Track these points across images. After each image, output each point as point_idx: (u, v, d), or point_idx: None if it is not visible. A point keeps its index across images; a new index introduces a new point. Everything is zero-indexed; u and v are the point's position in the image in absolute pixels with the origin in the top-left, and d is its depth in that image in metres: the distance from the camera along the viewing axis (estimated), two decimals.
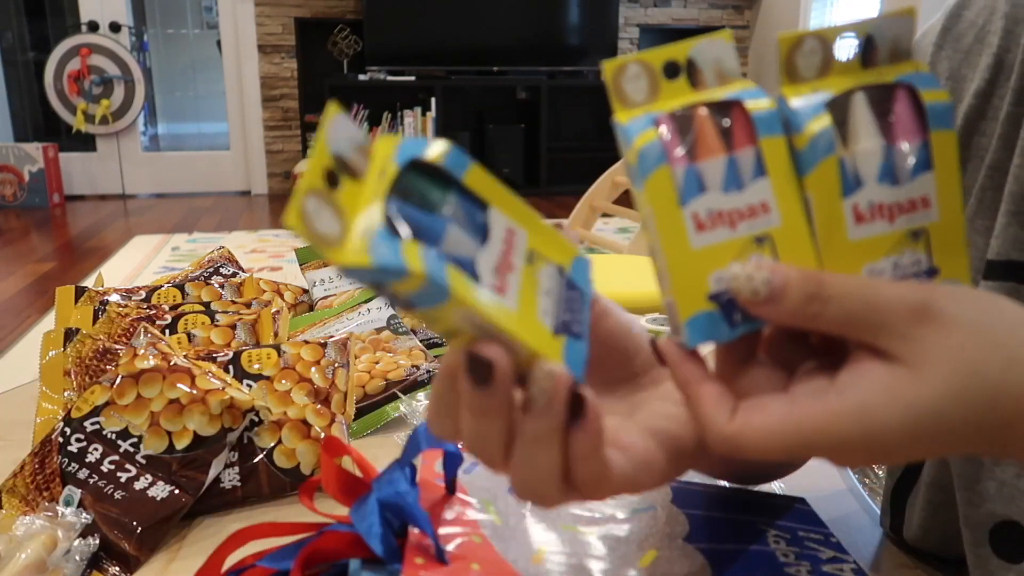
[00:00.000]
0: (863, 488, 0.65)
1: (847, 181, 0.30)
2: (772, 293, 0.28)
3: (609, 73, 0.31)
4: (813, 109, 0.30)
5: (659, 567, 0.41)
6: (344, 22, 4.88)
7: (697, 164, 0.30)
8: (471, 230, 0.27)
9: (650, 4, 5.25)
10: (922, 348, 0.27)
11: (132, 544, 0.56)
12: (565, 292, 0.30)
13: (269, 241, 3.55)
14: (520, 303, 0.27)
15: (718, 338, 0.30)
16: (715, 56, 0.31)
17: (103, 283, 0.89)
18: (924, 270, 0.31)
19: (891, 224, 0.30)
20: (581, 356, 0.29)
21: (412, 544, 0.38)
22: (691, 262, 0.30)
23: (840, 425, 0.28)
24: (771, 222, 0.30)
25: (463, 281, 0.25)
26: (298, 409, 0.66)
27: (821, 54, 0.31)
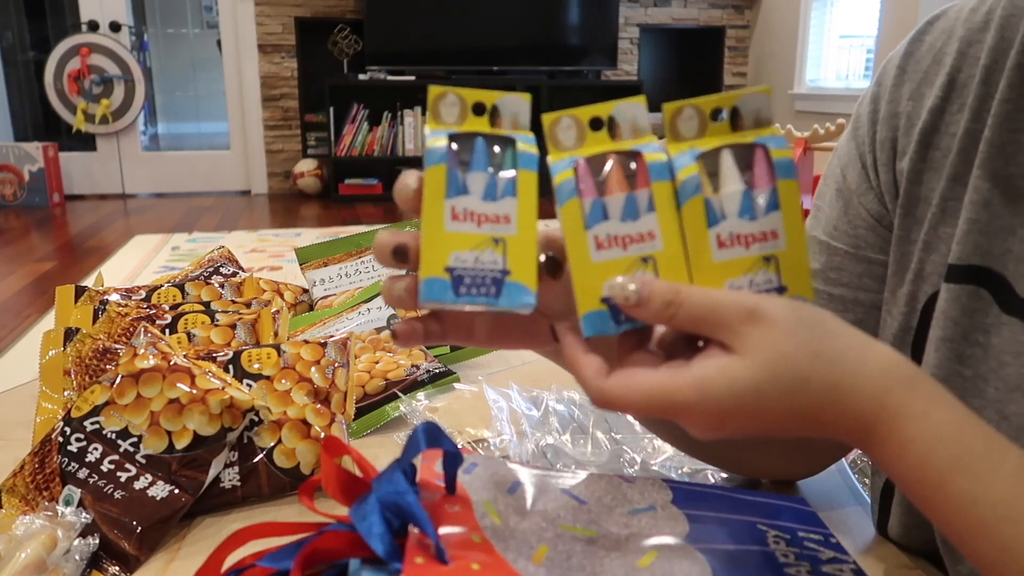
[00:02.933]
0: (863, 488, 0.65)
1: (713, 215, 0.38)
2: (639, 299, 0.37)
3: (546, 123, 0.39)
4: (685, 161, 0.39)
5: (659, 567, 0.41)
6: (344, 22, 4.88)
7: (603, 198, 0.39)
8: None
9: (650, 4, 5.25)
10: (749, 341, 0.36)
11: (132, 544, 0.56)
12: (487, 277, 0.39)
13: (269, 241, 3.55)
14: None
15: (606, 332, 0.39)
16: (632, 115, 0.40)
17: (103, 283, 0.89)
18: (775, 287, 0.39)
19: (747, 249, 0.38)
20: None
21: (412, 544, 0.38)
22: (591, 272, 0.38)
23: (683, 392, 0.36)
24: (655, 247, 0.39)
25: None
26: (298, 409, 0.66)
27: (697, 119, 0.40)
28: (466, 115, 0.40)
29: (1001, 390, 0.47)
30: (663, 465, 0.65)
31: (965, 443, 0.36)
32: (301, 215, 4.42)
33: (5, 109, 5.12)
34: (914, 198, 0.53)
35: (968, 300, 0.48)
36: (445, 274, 0.38)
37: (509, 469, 0.48)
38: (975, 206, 0.48)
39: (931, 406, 0.37)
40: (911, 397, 0.37)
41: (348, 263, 1.04)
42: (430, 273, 0.38)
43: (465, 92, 0.40)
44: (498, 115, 0.40)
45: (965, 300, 0.49)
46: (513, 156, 0.39)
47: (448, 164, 0.39)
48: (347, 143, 4.86)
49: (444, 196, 0.38)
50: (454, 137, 0.39)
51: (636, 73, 5.28)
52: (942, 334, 0.49)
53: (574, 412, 0.73)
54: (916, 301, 0.52)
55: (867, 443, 0.38)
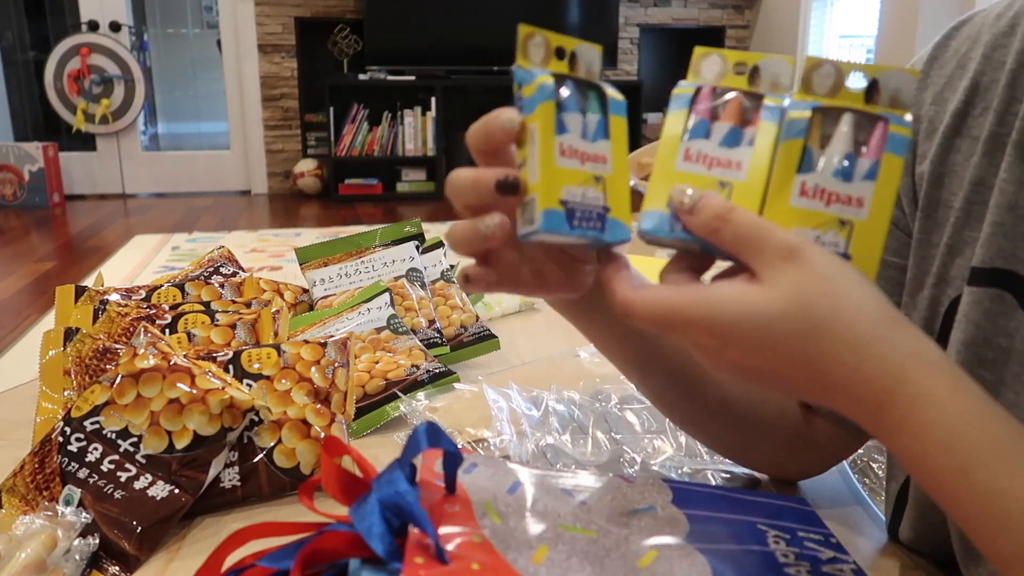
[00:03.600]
0: (863, 488, 0.65)
1: (808, 162, 0.39)
2: (693, 206, 0.39)
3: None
4: (804, 107, 0.40)
5: (659, 567, 0.41)
6: (344, 22, 4.88)
7: (711, 121, 0.41)
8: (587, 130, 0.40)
9: (650, 4, 5.25)
10: (777, 275, 0.36)
11: (132, 544, 0.56)
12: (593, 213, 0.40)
13: (269, 240, 3.55)
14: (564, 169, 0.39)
15: (661, 232, 0.40)
16: (775, 71, 0.41)
17: (103, 282, 0.89)
18: (840, 252, 0.38)
19: (827, 206, 0.39)
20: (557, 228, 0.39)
21: (412, 544, 0.38)
22: (670, 177, 0.40)
23: (695, 306, 0.37)
24: (738, 176, 0.40)
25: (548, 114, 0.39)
26: (298, 409, 0.66)
27: (834, 78, 0.39)
28: (550, 57, 0.40)
29: (1022, 395, 0.46)
30: (663, 465, 0.65)
31: (990, 433, 0.35)
32: (301, 215, 4.42)
33: (5, 109, 5.12)
34: (935, 201, 0.52)
35: (991, 303, 0.48)
36: (560, 206, 0.39)
37: (509, 469, 0.48)
38: (1000, 209, 0.48)
39: (955, 392, 0.36)
40: (935, 380, 0.36)
41: (348, 263, 1.04)
42: (548, 204, 0.38)
43: (549, 35, 0.40)
44: (576, 61, 0.41)
45: (988, 303, 0.48)
46: (603, 102, 0.41)
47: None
48: (347, 143, 4.86)
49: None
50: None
51: (636, 73, 5.28)
52: (964, 337, 0.49)
53: (574, 412, 0.73)
54: (939, 305, 0.52)
55: (877, 420, 0.37)
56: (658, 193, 0.40)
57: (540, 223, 0.38)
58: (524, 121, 0.39)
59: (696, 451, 0.67)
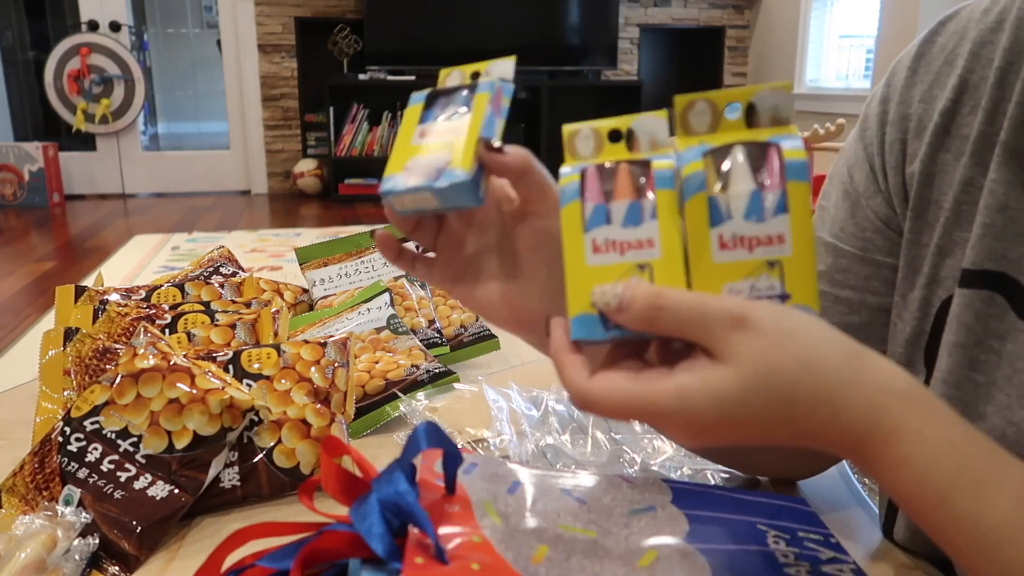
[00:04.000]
0: (863, 488, 0.65)
1: (717, 214, 0.37)
2: (620, 304, 0.37)
3: (566, 134, 0.41)
4: (692, 156, 0.38)
5: (659, 567, 0.41)
6: (344, 22, 4.88)
7: (607, 204, 0.39)
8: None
9: (650, 4, 5.25)
10: (734, 349, 0.35)
11: (132, 543, 0.56)
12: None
13: (269, 241, 3.55)
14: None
15: (594, 337, 0.39)
16: (651, 128, 0.40)
17: (103, 282, 0.89)
18: (777, 294, 0.37)
19: (750, 252, 0.37)
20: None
21: (412, 544, 0.38)
22: (585, 275, 0.39)
23: (663, 400, 0.35)
24: (653, 254, 0.38)
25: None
26: (298, 409, 0.66)
27: (710, 114, 0.39)
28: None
29: (1013, 397, 0.46)
30: (663, 465, 0.65)
31: (966, 461, 0.35)
32: (301, 215, 4.41)
33: (5, 109, 5.12)
34: (925, 201, 0.52)
35: (982, 306, 0.48)
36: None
37: (509, 469, 0.48)
38: (990, 210, 0.47)
39: (928, 423, 0.36)
40: (907, 414, 0.36)
41: (348, 263, 1.04)
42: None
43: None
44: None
45: (979, 306, 0.48)
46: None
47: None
48: (347, 143, 4.86)
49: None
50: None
51: (636, 73, 5.28)
52: (955, 339, 0.49)
53: (574, 412, 0.73)
54: (930, 306, 0.52)
55: (861, 458, 0.37)
56: (579, 295, 0.39)
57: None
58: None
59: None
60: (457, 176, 0.40)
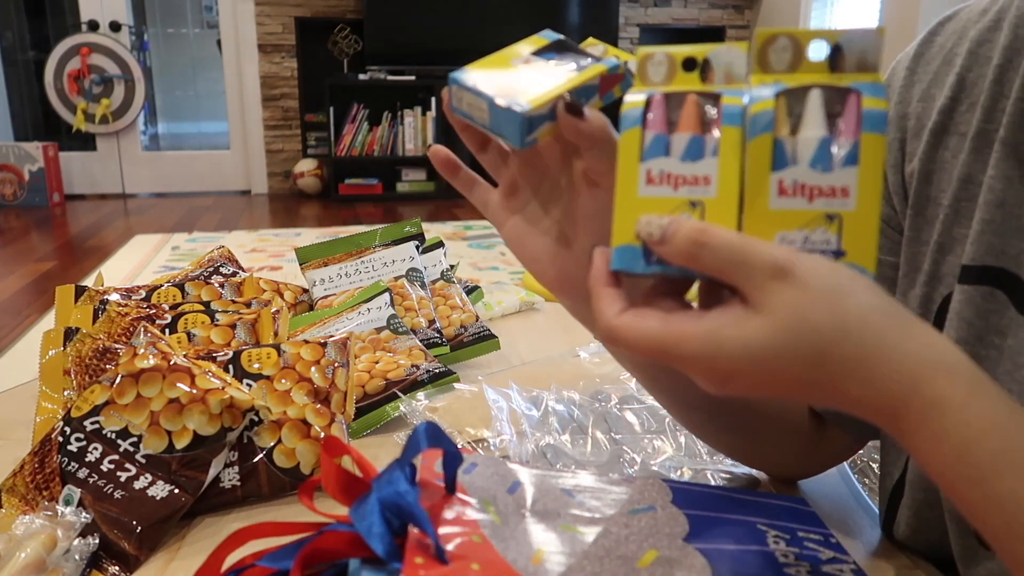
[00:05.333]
0: (863, 488, 0.65)
1: (781, 158, 0.35)
2: (663, 236, 0.35)
3: (639, 58, 0.39)
4: (764, 94, 0.36)
5: (659, 567, 0.41)
6: (344, 22, 4.88)
7: (668, 135, 0.37)
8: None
9: (650, 4, 5.25)
10: (772, 299, 0.33)
11: (132, 543, 0.56)
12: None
13: (269, 240, 3.55)
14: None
15: (634, 269, 0.37)
16: (728, 60, 0.37)
17: (103, 282, 0.89)
18: (832, 250, 0.35)
19: (810, 202, 0.35)
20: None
21: (412, 544, 0.38)
22: (634, 205, 0.37)
23: (692, 342, 0.34)
24: (708, 192, 0.36)
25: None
26: (298, 409, 0.66)
27: (792, 52, 0.36)
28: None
29: (1016, 392, 0.46)
30: (663, 465, 0.65)
31: (1010, 440, 0.34)
32: (301, 215, 4.41)
33: (5, 109, 5.12)
34: (924, 198, 0.52)
35: (983, 301, 0.48)
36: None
37: (509, 469, 0.48)
38: (989, 206, 0.47)
39: (973, 398, 0.34)
40: (952, 387, 0.34)
41: (348, 263, 1.04)
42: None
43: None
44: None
45: (979, 301, 0.48)
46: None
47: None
48: (347, 143, 4.86)
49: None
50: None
51: None
52: (956, 336, 0.49)
53: (574, 412, 0.73)
54: (931, 303, 0.52)
55: (896, 428, 0.35)
56: (624, 225, 0.37)
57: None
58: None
59: (696, 451, 0.67)
60: (518, 106, 0.40)
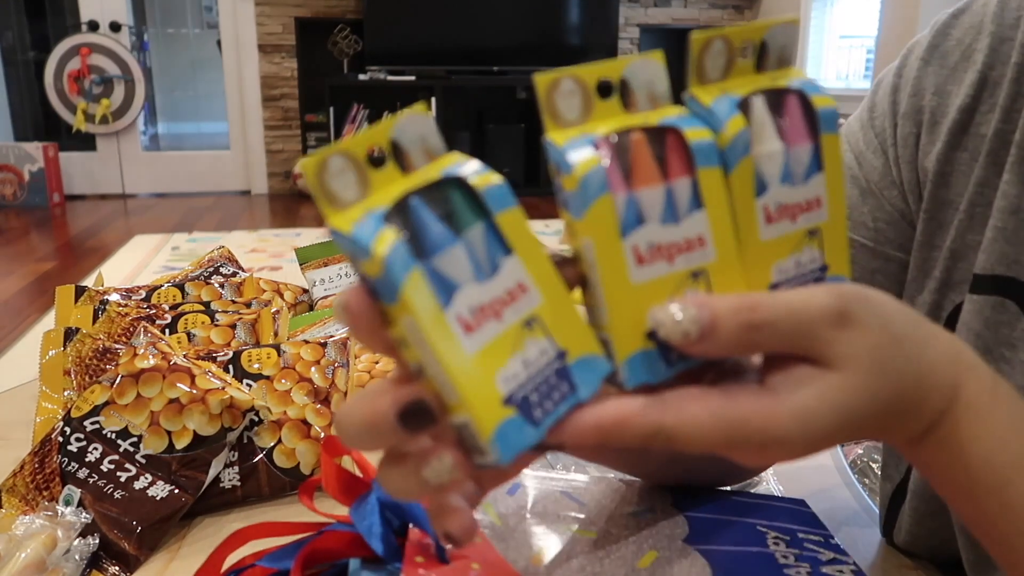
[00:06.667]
0: (863, 489, 0.65)
1: (760, 181, 0.30)
2: (703, 331, 0.27)
3: (542, 88, 0.28)
4: (728, 109, 0.29)
5: (659, 568, 0.41)
6: (344, 22, 4.88)
7: (635, 192, 0.28)
8: (478, 263, 0.26)
9: (650, 4, 5.25)
10: (844, 351, 0.29)
11: (132, 544, 0.56)
12: (551, 377, 0.27)
13: (269, 241, 3.54)
14: (482, 353, 0.26)
15: (657, 377, 0.29)
16: (648, 77, 0.29)
17: (103, 283, 0.89)
18: (818, 267, 0.32)
19: (793, 223, 0.31)
20: (521, 443, 0.26)
21: (412, 543, 0.38)
22: (631, 298, 0.28)
23: (783, 425, 0.28)
24: (707, 256, 0.29)
25: (423, 291, 0.25)
26: (298, 409, 0.66)
27: (726, 56, 0.30)
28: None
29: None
30: None
31: None
32: (301, 215, 4.41)
33: (5, 109, 5.12)
34: (939, 202, 0.50)
35: (992, 312, 0.46)
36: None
37: None
38: (1003, 213, 0.45)
39: (995, 399, 0.32)
40: (977, 388, 0.32)
41: (348, 263, 1.04)
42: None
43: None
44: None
45: (989, 312, 0.46)
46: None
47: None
48: None
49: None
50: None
51: None
52: None
53: None
54: (940, 310, 0.50)
55: (920, 443, 0.32)
56: (626, 328, 0.28)
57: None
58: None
59: None
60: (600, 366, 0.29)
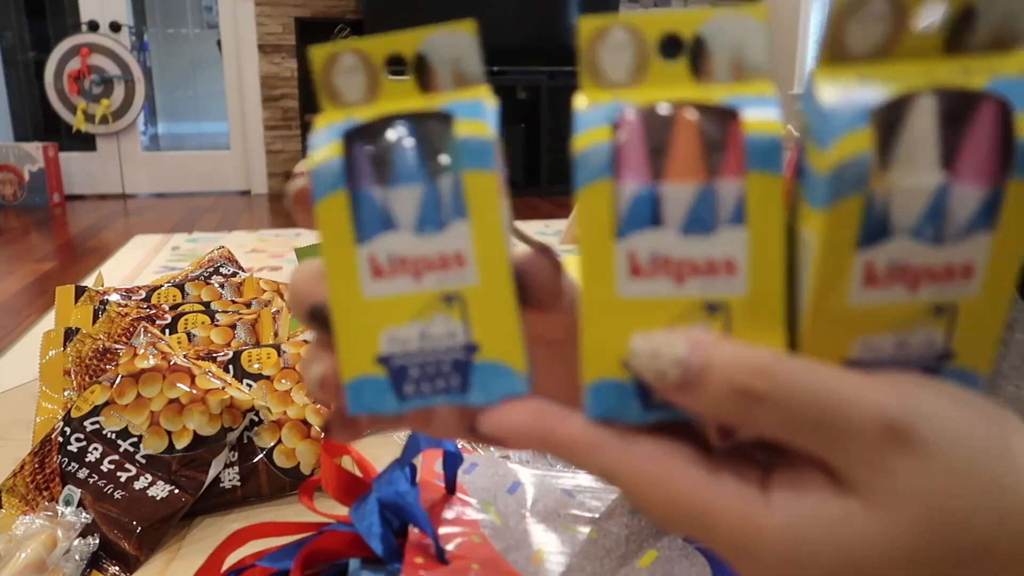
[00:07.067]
0: None
1: (869, 227, 0.20)
2: (685, 378, 0.21)
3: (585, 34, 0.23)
4: (853, 117, 0.20)
5: (659, 567, 0.41)
6: (344, 22, 4.88)
7: (658, 185, 0.21)
8: (426, 215, 0.23)
9: (650, 4, 5.25)
10: (890, 482, 0.20)
11: (132, 544, 0.56)
12: (445, 363, 0.24)
13: (269, 241, 3.54)
14: (379, 302, 0.23)
15: (623, 417, 0.23)
16: (737, 39, 0.22)
17: (103, 283, 0.89)
18: (935, 354, 0.22)
19: (912, 293, 0.21)
20: (375, 406, 0.24)
21: (412, 544, 0.38)
22: (615, 313, 0.22)
23: (764, 538, 0.21)
24: (733, 287, 0.22)
25: (338, 217, 0.23)
26: (298, 409, 0.66)
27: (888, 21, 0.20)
28: (378, 82, 0.24)
29: (1023, 387, 0.46)
30: None
31: None
32: None
33: (5, 109, 5.12)
34: None
35: None
36: (378, 368, 0.24)
37: (509, 469, 0.48)
38: None
39: None
40: None
41: None
42: (356, 371, 0.24)
43: (367, 44, 0.25)
44: (428, 69, 0.25)
45: None
46: (454, 147, 0.23)
47: (349, 188, 0.23)
48: None
49: (354, 242, 0.23)
50: (355, 134, 0.23)
51: None
52: None
53: None
54: None
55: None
56: (598, 347, 0.22)
57: (348, 400, 0.24)
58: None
59: None
60: (509, 388, 0.24)
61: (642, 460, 0.22)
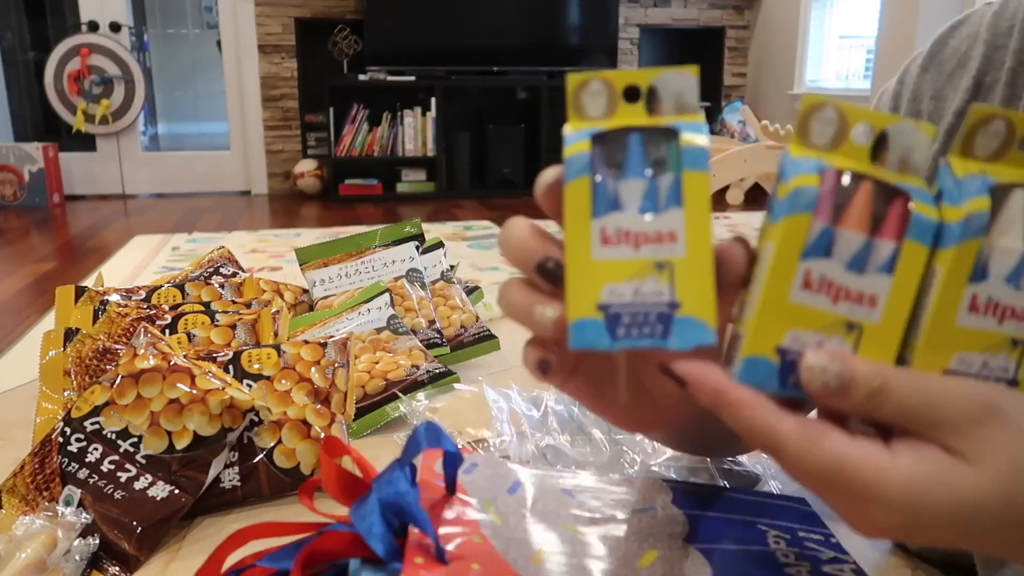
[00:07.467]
0: None
1: (980, 268, 0.30)
2: (841, 387, 0.29)
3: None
4: (979, 188, 0.30)
5: (659, 567, 0.41)
6: (344, 22, 4.88)
7: (838, 229, 0.30)
8: (649, 200, 0.31)
9: (650, 4, 5.25)
10: (984, 448, 0.28)
11: (132, 544, 0.56)
12: (652, 315, 0.31)
13: (269, 241, 3.54)
14: (605, 264, 0.31)
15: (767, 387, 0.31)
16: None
17: (103, 283, 0.89)
18: (1008, 378, 0.31)
19: (998, 324, 0.30)
20: (593, 342, 0.31)
21: (412, 544, 0.38)
22: (782, 312, 0.31)
23: (893, 485, 0.28)
24: (871, 316, 0.30)
25: (581, 195, 0.31)
26: (298, 409, 0.66)
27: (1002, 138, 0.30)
28: (616, 104, 0.32)
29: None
30: (663, 465, 0.65)
31: None
32: (301, 215, 4.41)
33: (5, 109, 5.12)
34: None
35: None
36: (598, 313, 0.31)
37: (509, 469, 0.48)
38: None
39: None
40: None
41: (348, 263, 1.04)
42: (580, 314, 0.31)
43: (613, 76, 0.32)
44: (656, 99, 0.32)
45: None
46: (676, 153, 0.31)
47: (592, 175, 0.31)
48: (347, 143, 4.86)
49: (590, 216, 0.31)
50: (599, 137, 0.31)
51: None
52: None
53: (573, 412, 0.73)
54: None
55: None
56: (764, 332, 0.31)
57: (571, 336, 0.31)
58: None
59: None
60: (700, 338, 0.30)
61: (797, 422, 0.29)
